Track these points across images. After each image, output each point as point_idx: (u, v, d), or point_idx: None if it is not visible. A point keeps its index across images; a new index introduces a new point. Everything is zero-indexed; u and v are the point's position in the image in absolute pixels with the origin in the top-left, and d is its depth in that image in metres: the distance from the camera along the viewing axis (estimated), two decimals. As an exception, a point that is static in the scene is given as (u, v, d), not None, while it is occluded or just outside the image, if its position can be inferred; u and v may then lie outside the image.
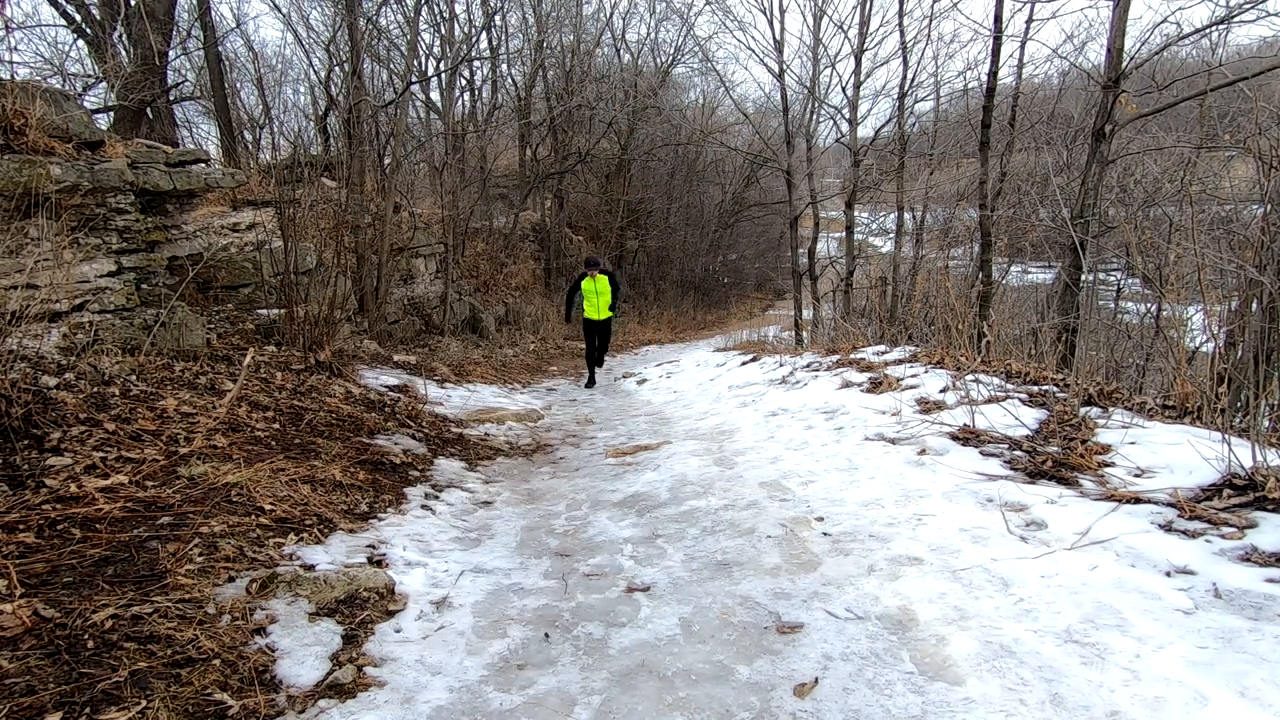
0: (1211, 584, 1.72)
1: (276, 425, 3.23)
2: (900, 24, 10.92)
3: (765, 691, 1.52)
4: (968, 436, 3.04)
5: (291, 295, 4.69)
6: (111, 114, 7.57)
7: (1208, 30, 6.42)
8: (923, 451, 2.95)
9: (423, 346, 7.89)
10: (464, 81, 13.33)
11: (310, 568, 2.00)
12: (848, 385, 4.36)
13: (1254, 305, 3.25)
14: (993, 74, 7.86)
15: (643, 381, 7.30)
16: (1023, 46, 10.15)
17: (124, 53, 7.95)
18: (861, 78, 11.27)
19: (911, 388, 3.94)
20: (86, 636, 1.51)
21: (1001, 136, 9.64)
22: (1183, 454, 2.40)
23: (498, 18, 13.02)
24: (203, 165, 4.52)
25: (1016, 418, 3.09)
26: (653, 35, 17.41)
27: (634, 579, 2.13)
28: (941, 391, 3.74)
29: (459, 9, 11.97)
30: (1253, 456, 2.18)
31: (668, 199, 17.92)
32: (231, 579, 1.85)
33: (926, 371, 4.16)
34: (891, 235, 13.97)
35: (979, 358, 4.14)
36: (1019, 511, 2.28)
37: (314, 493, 2.56)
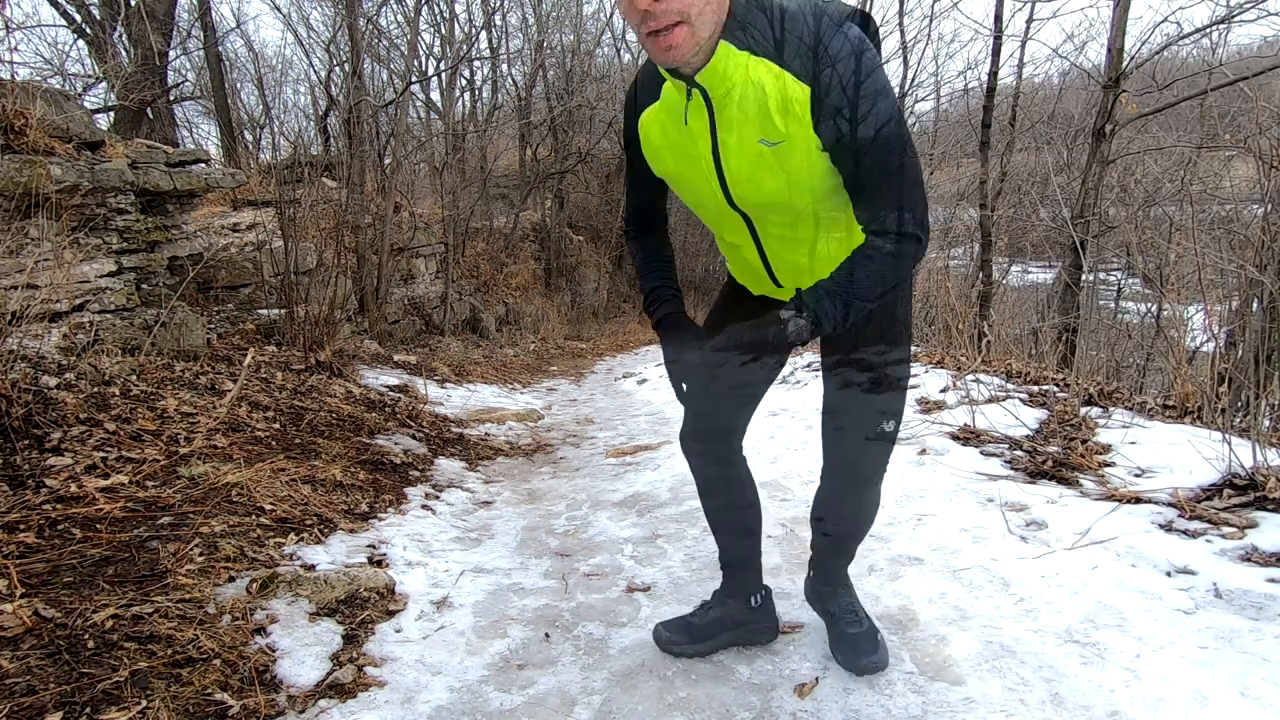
0: (1212, 584, 1.72)
1: (277, 425, 3.23)
2: (900, 24, 10.93)
3: (766, 691, 1.52)
4: (968, 436, 3.04)
5: (292, 295, 4.69)
6: (111, 114, 7.57)
7: (1208, 30, 6.43)
8: (923, 451, 2.95)
9: (423, 346, 7.88)
10: (464, 81, 13.34)
11: (311, 568, 2.01)
12: (848, 385, 4.36)
13: (1254, 305, 3.25)
14: (993, 74, 7.86)
15: (643, 381, 7.29)
16: (1023, 46, 10.15)
17: (124, 53, 7.94)
18: (862, 77, 11.26)
19: (912, 387, 3.94)
20: (87, 636, 1.51)
21: (1002, 136, 9.64)
22: (1183, 454, 2.40)
23: (498, 18, 13.03)
24: (203, 165, 4.52)
25: (1017, 418, 3.09)
26: (653, 35, 17.39)
27: (634, 579, 2.13)
28: (942, 391, 3.74)
29: (459, 9, 11.98)
30: (1253, 456, 2.18)
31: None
32: (232, 579, 1.85)
33: (927, 371, 4.16)
34: (892, 235, 13.94)
35: (979, 357, 4.14)
36: (1019, 511, 2.28)
37: (314, 493, 2.56)
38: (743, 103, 1.10)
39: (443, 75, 10.46)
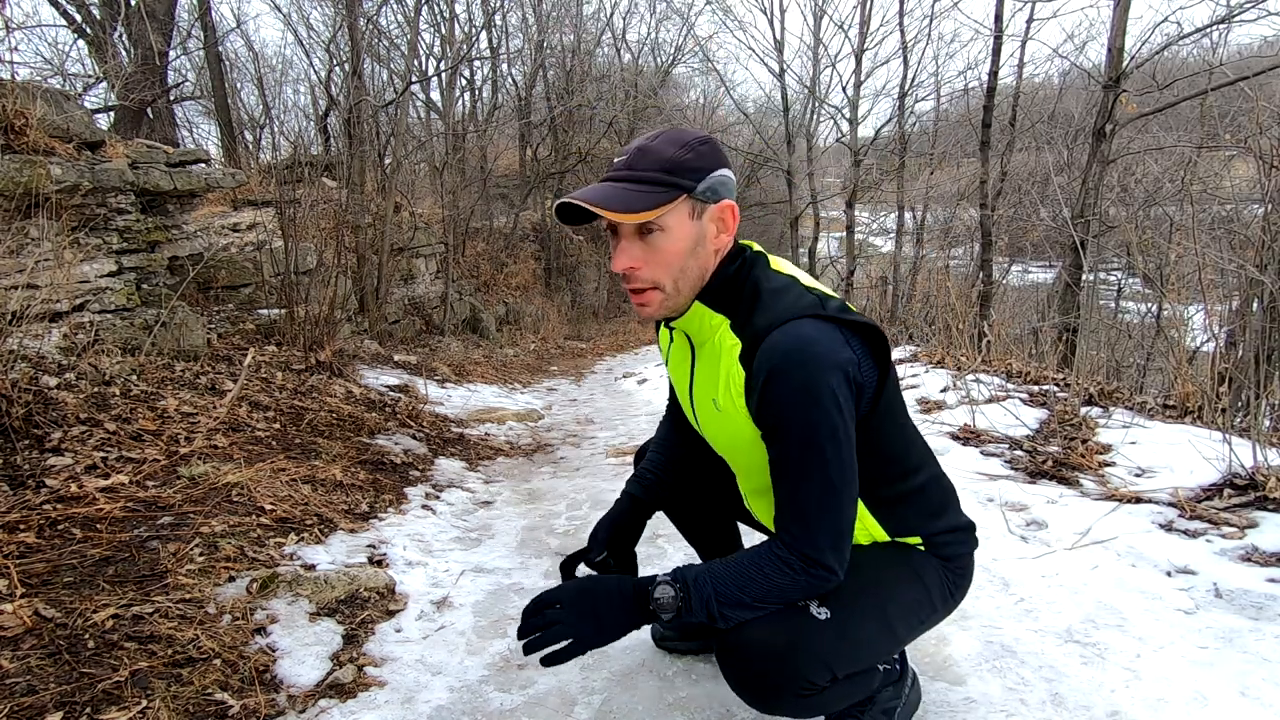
0: (1212, 584, 1.72)
1: (277, 425, 3.23)
2: (900, 24, 10.93)
3: (766, 691, 1.51)
4: (968, 436, 3.04)
5: (292, 295, 4.69)
6: (112, 114, 7.58)
7: (1208, 30, 6.43)
8: (923, 451, 2.94)
9: (423, 346, 7.88)
10: (464, 81, 13.33)
11: (311, 568, 2.01)
12: (848, 385, 4.36)
13: (1255, 305, 3.25)
14: (993, 74, 7.87)
15: (643, 381, 7.29)
16: (1023, 46, 10.16)
17: (124, 53, 7.95)
18: (862, 77, 11.30)
19: (912, 387, 3.94)
20: (87, 636, 1.51)
21: (1002, 136, 9.64)
22: (1183, 454, 2.41)
23: (498, 17, 13.02)
24: (203, 165, 4.52)
25: (1017, 417, 3.09)
26: (653, 35, 17.43)
27: (634, 579, 2.13)
28: (942, 391, 3.74)
29: (459, 9, 11.97)
30: (1253, 456, 2.18)
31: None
32: (232, 579, 1.85)
33: (927, 371, 4.16)
34: (892, 235, 13.97)
35: (979, 357, 4.14)
36: (1019, 511, 2.27)
37: (314, 493, 2.56)
38: (709, 359, 1.10)
39: (443, 75, 10.45)
